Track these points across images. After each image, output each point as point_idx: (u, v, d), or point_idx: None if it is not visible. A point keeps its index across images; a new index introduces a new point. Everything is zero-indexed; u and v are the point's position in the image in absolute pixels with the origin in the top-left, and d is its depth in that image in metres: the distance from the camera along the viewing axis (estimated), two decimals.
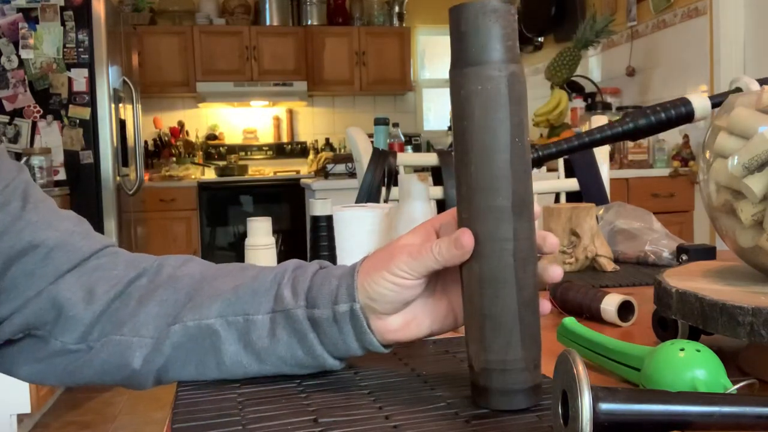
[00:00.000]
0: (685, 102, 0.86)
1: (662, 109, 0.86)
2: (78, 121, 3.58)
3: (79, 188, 3.56)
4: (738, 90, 0.88)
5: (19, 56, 3.53)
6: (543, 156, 0.84)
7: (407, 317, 0.57)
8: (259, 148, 5.81)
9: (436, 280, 0.58)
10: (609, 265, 1.14)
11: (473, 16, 0.50)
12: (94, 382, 0.61)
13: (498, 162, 0.50)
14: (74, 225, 0.63)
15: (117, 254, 0.64)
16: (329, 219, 1.08)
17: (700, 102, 0.86)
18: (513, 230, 0.50)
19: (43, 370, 0.61)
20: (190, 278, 0.61)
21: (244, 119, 5.83)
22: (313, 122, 5.97)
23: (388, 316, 0.56)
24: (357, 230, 1.16)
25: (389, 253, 0.55)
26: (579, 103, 3.94)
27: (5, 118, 3.54)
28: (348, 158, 3.52)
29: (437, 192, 1.55)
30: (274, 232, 1.14)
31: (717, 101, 0.87)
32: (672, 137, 3.62)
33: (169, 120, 5.62)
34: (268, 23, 5.57)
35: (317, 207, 1.08)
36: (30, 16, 3.52)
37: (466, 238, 0.51)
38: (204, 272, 0.62)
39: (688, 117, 0.86)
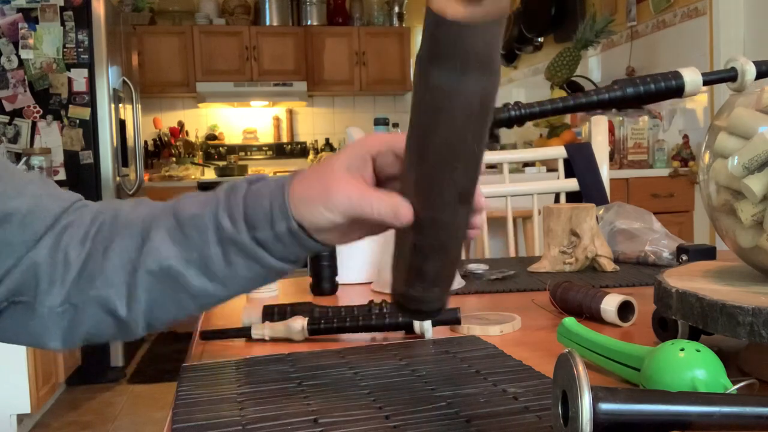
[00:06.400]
0: (677, 75, 0.86)
1: (652, 81, 0.85)
2: (78, 121, 3.57)
3: (79, 188, 3.53)
4: (733, 70, 0.88)
5: (19, 56, 3.52)
6: (525, 114, 0.84)
7: (342, 228, 0.59)
8: (259, 148, 5.81)
9: None
10: (609, 265, 1.14)
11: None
12: (93, 339, 0.63)
13: (460, 167, 0.52)
14: (40, 188, 0.64)
15: (82, 209, 0.66)
16: None
17: (691, 77, 0.86)
18: (455, 219, 0.54)
19: (41, 333, 0.63)
20: (141, 221, 0.62)
21: (244, 119, 5.83)
22: (313, 122, 5.97)
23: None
24: None
25: (325, 186, 0.57)
26: None
27: (5, 118, 3.54)
28: None
29: None
30: None
31: (709, 79, 0.87)
32: (672, 137, 3.62)
33: (169, 120, 5.62)
34: (268, 23, 5.57)
35: None
36: (30, 16, 3.52)
37: (406, 214, 0.54)
38: (151, 212, 0.63)
39: (678, 90, 0.86)
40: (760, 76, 0.88)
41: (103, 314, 0.61)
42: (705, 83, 0.86)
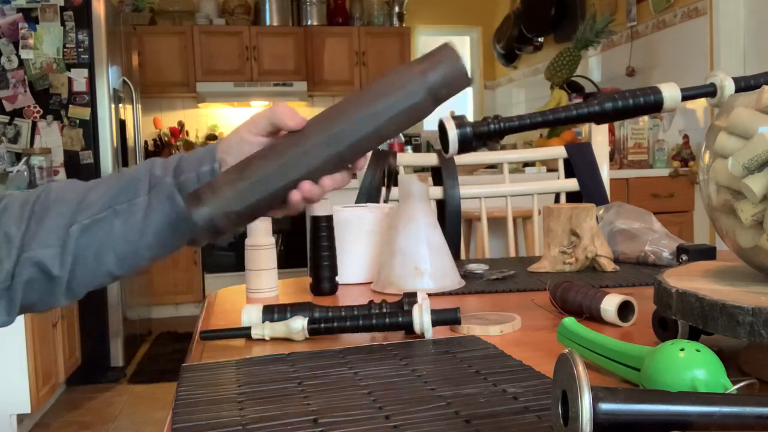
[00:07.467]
0: (656, 91, 0.87)
1: (631, 96, 0.86)
2: (78, 121, 3.57)
3: None
4: (711, 85, 0.89)
5: (19, 56, 3.52)
6: (504, 128, 0.85)
7: None
8: None
9: None
10: (609, 265, 1.14)
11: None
12: (28, 306, 0.67)
13: (369, 112, 0.64)
14: None
15: (11, 197, 0.70)
16: (329, 219, 1.08)
17: (670, 92, 0.86)
18: (310, 147, 0.65)
19: None
20: (76, 191, 0.68)
21: (244, 119, 5.81)
22: None
23: None
24: (357, 230, 1.16)
25: (248, 119, 0.69)
26: None
27: (5, 118, 3.54)
28: None
29: (437, 192, 1.55)
30: (274, 232, 1.14)
31: (688, 94, 0.88)
32: (672, 137, 3.62)
33: (169, 120, 5.62)
34: (268, 23, 5.57)
35: (317, 207, 1.08)
36: (30, 16, 3.52)
37: (299, 119, 0.66)
38: (87, 184, 0.69)
39: (656, 106, 0.87)
40: (739, 91, 0.88)
41: (36, 273, 0.65)
42: (684, 98, 0.87)
